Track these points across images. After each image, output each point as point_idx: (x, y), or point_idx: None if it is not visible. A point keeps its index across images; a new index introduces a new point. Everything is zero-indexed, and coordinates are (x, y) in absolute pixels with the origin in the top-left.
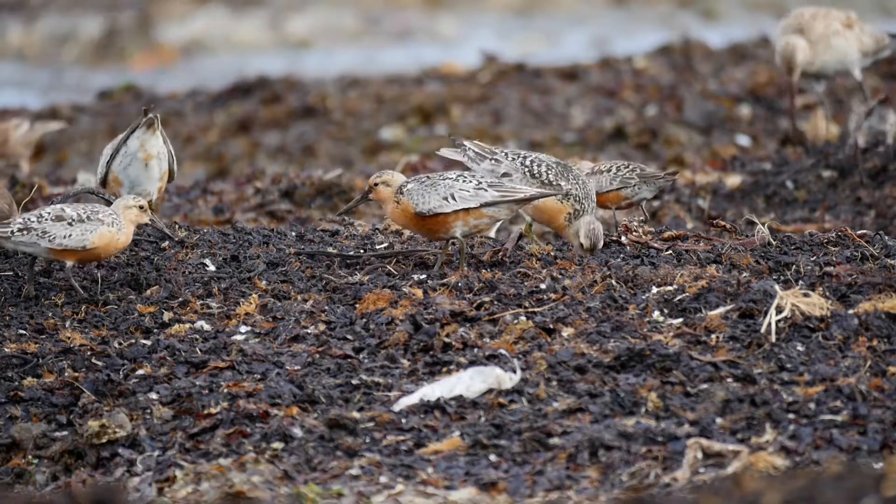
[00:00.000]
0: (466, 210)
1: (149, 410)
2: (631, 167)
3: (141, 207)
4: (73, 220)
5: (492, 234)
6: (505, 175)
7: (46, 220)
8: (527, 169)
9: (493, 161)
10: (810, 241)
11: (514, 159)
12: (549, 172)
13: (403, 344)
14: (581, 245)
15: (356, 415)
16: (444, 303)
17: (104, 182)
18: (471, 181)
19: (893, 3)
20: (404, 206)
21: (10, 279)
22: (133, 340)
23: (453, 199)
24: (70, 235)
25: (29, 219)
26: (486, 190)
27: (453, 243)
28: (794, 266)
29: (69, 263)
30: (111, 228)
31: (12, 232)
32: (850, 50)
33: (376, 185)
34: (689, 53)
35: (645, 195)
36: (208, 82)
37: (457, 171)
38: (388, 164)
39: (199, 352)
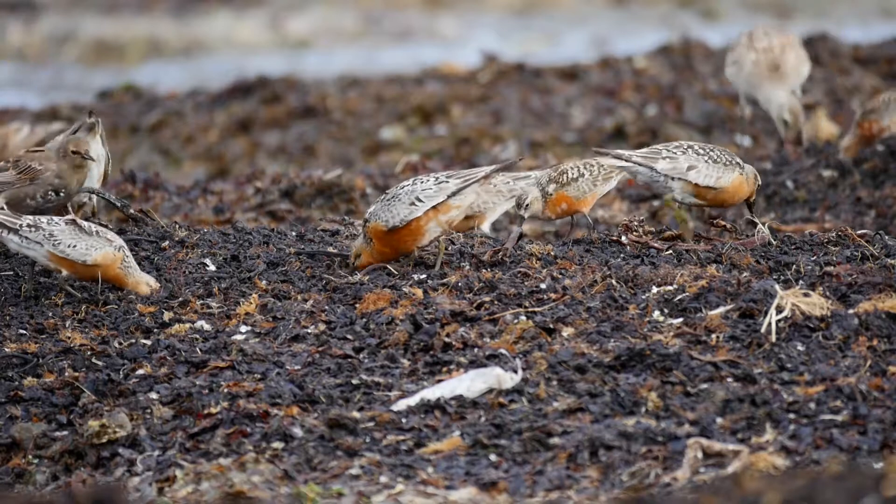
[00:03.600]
0: (435, 207)
1: (149, 410)
2: (598, 163)
3: (151, 293)
4: (82, 232)
5: (486, 228)
6: (690, 168)
7: (57, 224)
8: (708, 157)
9: (668, 159)
10: (810, 240)
11: (685, 151)
12: (724, 154)
13: (403, 344)
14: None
15: (356, 414)
16: (444, 303)
17: None
18: (428, 179)
19: (894, 4)
20: (374, 230)
21: (10, 279)
22: (133, 340)
23: (420, 200)
24: (74, 246)
25: (40, 219)
26: (447, 181)
27: (453, 242)
28: (794, 266)
29: (64, 273)
30: (116, 252)
31: (21, 226)
32: (807, 70)
33: (354, 262)
34: (689, 53)
35: (612, 186)
36: (208, 82)
37: (411, 178)
38: (388, 163)
39: (199, 352)
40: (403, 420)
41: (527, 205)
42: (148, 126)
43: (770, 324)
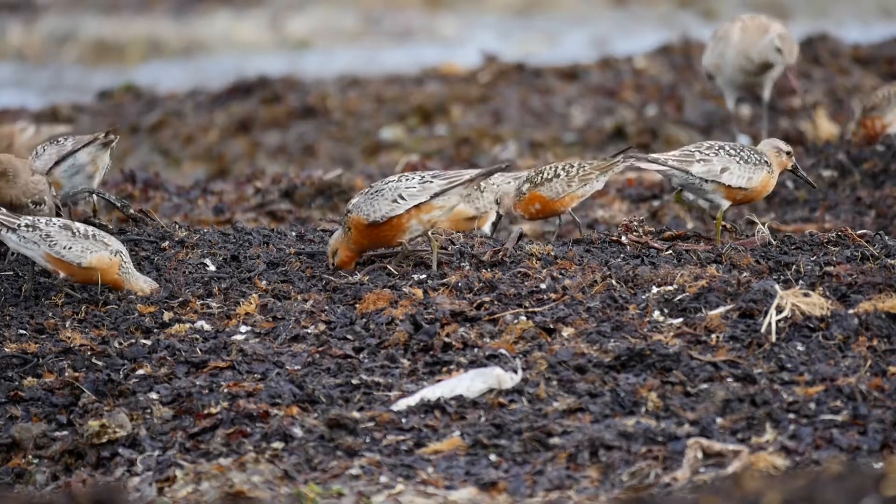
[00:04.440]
0: (417, 206)
1: (149, 410)
2: (578, 163)
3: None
4: (78, 234)
5: (487, 229)
6: (724, 170)
7: (54, 225)
8: (739, 158)
9: (703, 162)
10: (810, 240)
11: (717, 153)
12: (753, 154)
13: (403, 344)
14: None
15: (356, 415)
16: (444, 303)
17: None
18: (413, 178)
19: (894, 4)
20: (355, 222)
21: (10, 279)
22: (133, 340)
23: (402, 198)
24: (70, 248)
25: (38, 220)
26: (431, 181)
27: (453, 242)
28: (794, 266)
29: (62, 275)
30: (112, 257)
31: (19, 226)
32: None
33: (333, 256)
34: (689, 53)
35: (597, 187)
36: (208, 82)
37: (397, 174)
38: (388, 163)
39: (199, 352)
40: (403, 420)
41: (497, 200)
42: (148, 126)
43: (770, 324)
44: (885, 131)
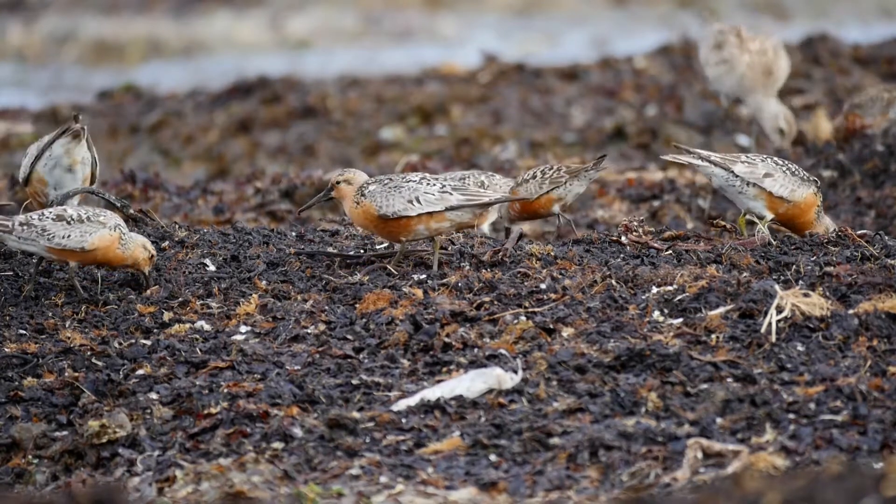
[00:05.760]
0: (430, 213)
1: (149, 410)
2: (555, 167)
3: (151, 257)
4: (73, 221)
5: (486, 228)
6: (767, 175)
7: (48, 218)
8: (786, 168)
9: (747, 163)
10: (810, 241)
11: (763, 160)
12: (801, 171)
13: (403, 344)
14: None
15: (356, 415)
16: (444, 303)
17: (27, 180)
18: (435, 184)
19: (894, 4)
20: (366, 207)
21: (10, 279)
22: (133, 340)
23: (418, 202)
24: (69, 236)
25: (31, 216)
26: (450, 193)
27: (453, 241)
28: (794, 266)
29: (73, 264)
30: (112, 233)
31: (13, 226)
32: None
33: (338, 182)
34: (689, 53)
35: (577, 190)
36: (208, 82)
37: (419, 173)
38: (388, 163)
39: (199, 352)
40: (403, 420)
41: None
42: (148, 126)
43: (770, 324)
44: (864, 130)
